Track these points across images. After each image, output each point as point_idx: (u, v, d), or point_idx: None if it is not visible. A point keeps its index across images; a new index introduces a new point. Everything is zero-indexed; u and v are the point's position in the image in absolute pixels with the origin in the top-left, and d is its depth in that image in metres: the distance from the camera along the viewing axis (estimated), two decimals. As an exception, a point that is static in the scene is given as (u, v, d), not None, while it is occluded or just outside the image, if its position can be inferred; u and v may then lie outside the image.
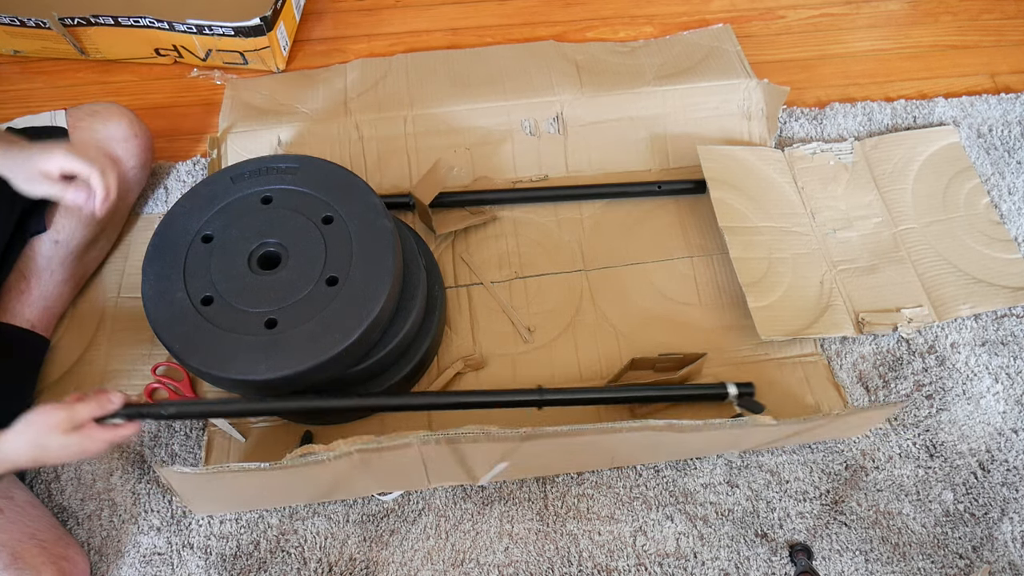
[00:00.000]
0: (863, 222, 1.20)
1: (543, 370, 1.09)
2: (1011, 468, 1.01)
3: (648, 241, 1.21)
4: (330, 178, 0.98)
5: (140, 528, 0.99)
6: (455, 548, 0.97)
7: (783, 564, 0.96)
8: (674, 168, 1.28)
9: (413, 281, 0.99)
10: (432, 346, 1.06)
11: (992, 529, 0.98)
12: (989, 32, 1.47)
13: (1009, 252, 1.17)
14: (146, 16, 1.31)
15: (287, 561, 0.96)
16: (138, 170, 1.17)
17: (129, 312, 1.14)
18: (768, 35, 1.48)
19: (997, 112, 1.33)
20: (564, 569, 0.95)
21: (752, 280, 1.11)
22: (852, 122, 1.32)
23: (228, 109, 1.31)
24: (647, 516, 0.98)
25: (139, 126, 1.15)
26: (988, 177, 1.26)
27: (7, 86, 1.41)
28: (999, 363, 1.09)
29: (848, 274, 1.15)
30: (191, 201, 0.97)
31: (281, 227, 0.94)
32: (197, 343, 0.87)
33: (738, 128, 1.29)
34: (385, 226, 0.93)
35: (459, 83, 1.32)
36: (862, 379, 1.08)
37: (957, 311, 1.11)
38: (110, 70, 1.43)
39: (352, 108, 1.29)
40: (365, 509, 0.99)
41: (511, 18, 1.51)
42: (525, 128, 1.28)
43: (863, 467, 1.02)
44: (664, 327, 1.12)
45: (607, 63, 1.35)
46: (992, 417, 1.05)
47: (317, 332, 0.86)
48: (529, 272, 1.17)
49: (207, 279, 0.91)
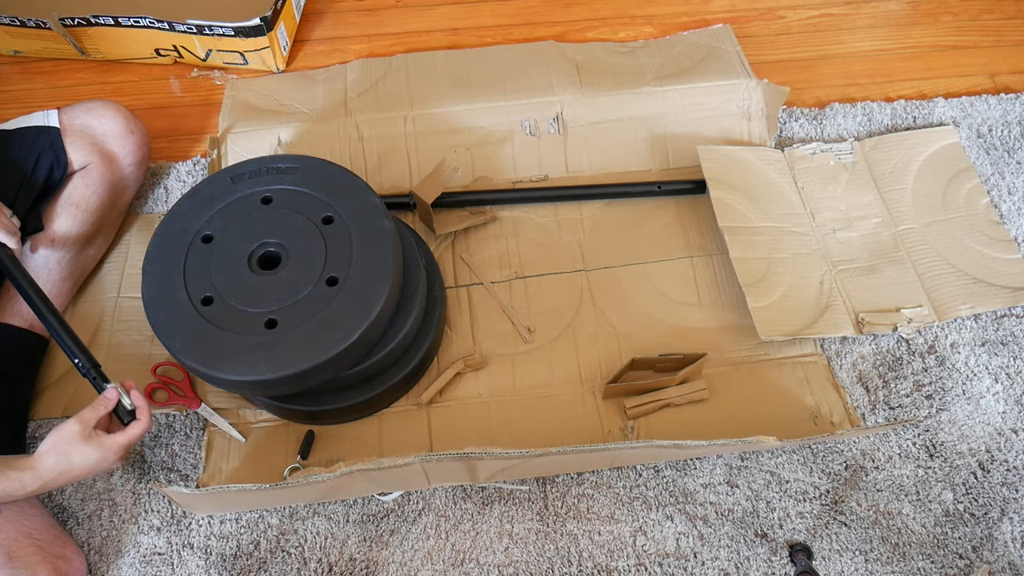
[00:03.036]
0: (863, 222, 1.20)
1: (543, 370, 1.09)
2: (1011, 468, 1.01)
3: (648, 241, 1.21)
4: (330, 178, 0.98)
5: (140, 528, 0.98)
6: (455, 548, 0.97)
7: (783, 564, 0.96)
8: (674, 168, 1.28)
9: (413, 281, 0.99)
10: (432, 346, 1.06)
11: (992, 529, 0.98)
12: (989, 32, 1.47)
13: (1009, 252, 1.17)
14: (146, 16, 1.31)
15: (287, 561, 0.96)
16: (135, 167, 1.17)
17: (129, 312, 1.14)
18: (768, 35, 1.48)
19: (997, 112, 1.33)
20: (564, 569, 0.95)
21: (752, 280, 1.10)
22: (852, 122, 1.32)
23: (228, 109, 1.31)
24: (647, 516, 0.98)
25: (135, 123, 1.15)
26: (988, 177, 1.26)
27: (7, 86, 1.41)
28: (999, 363, 1.09)
29: (848, 274, 1.15)
30: (191, 201, 0.97)
31: (281, 227, 0.94)
32: (197, 343, 0.87)
33: (738, 128, 1.29)
34: (385, 226, 0.93)
35: (459, 83, 1.32)
36: (862, 379, 1.08)
37: (957, 311, 1.11)
38: (110, 70, 1.43)
39: (352, 108, 1.29)
40: (365, 509, 0.99)
41: (511, 18, 1.51)
42: (525, 128, 1.28)
43: (863, 467, 1.02)
44: (664, 327, 1.12)
45: (607, 63, 1.35)
46: (992, 417, 1.05)
47: (317, 332, 0.86)
48: (529, 272, 1.17)
49: (207, 279, 0.91)
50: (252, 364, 0.85)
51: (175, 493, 0.89)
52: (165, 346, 0.88)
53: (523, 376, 1.08)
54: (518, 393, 1.07)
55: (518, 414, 1.05)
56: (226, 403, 1.06)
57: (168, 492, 0.88)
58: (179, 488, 0.88)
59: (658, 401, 1.04)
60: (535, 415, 1.05)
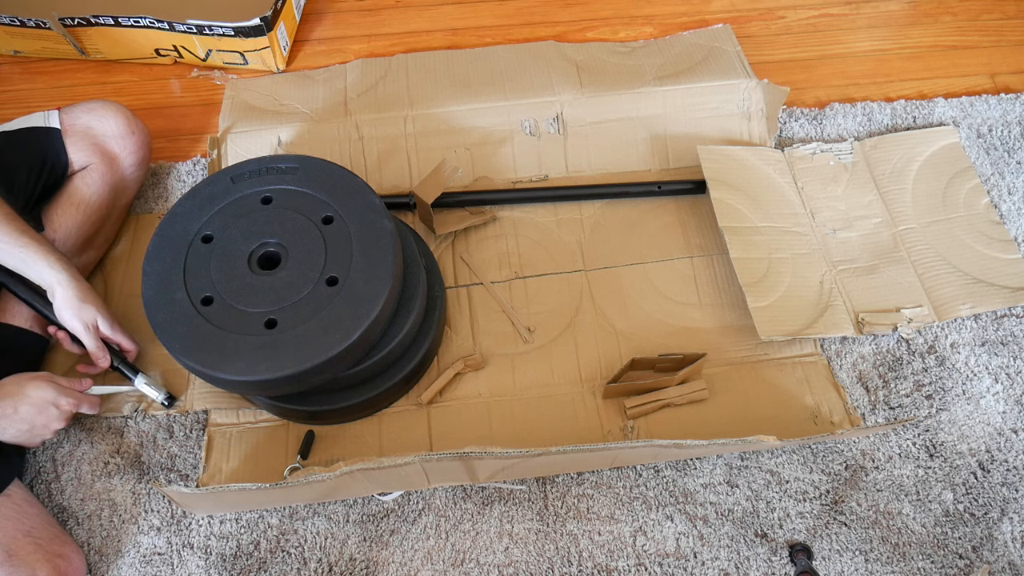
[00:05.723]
0: (863, 222, 1.20)
1: (543, 370, 1.09)
2: (1011, 468, 1.01)
3: (648, 241, 1.21)
4: (330, 178, 0.98)
5: (140, 528, 0.98)
6: (455, 548, 0.97)
7: (783, 564, 0.96)
8: (674, 168, 1.28)
9: (413, 281, 0.99)
10: (432, 346, 1.06)
11: (992, 529, 0.98)
12: (989, 32, 1.47)
13: (1009, 252, 1.17)
14: (146, 16, 1.31)
15: (287, 561, 0.96)
16: (135, 167, 1.17)
17: (129, 312, 1.14)
18: (768, 35, 1.48)
19: (997, 112, 1.33)
20: (564, 569, 0.95)
21: (752, 280, 1.11)
22: (852, 122, 1.32)
23: (228, 109, 1.31)
24: (647, 516, 0.98)
25: (135, 123, 1.15)
26: (988, 177, 1.26)
27: (7, 86, 1.41)
28: (999, 363, 1.09)
29: (848, 274, 1.15)
30: (191, 201, 0.97)
31: (281, 227, 0.94)
32: (197, 343, 0.87)
33: (738, 128, 1.29)
34: (385, 226, 0.93)
35: (459, 83, 1.32)
36: (862, 379, 1.08)
37: (957, 311, 1.11)
38: (110, 70, 1.43)
39: (352, 108, 1.29)
40: (365, 509, 0.99)
41: (511, 18, 1.51)
42: (525, 128, 1.28)
43: (863, 467, 1.02)
44: (664, 327, 1.12)
45: (607, 63, 1.35)
46: (992, 417, 1.05)
47: (317, 332, 0.86)
48: (529, 272, 1.17)
49: (207, 279, 0.91)
50: (252, 364, 0.85)
51: (175, 493, 0.89)
52: (165, 346, 0.88)
53: (523, 376, 1.09)
54: (518, 393, 1.07)
55: (518, 414, 1.05)
56: (226, 403, 1.06)
57: (168, 492, 0.89)
58: (179, 488, 0.88)
59: (658, 401, 1.04)
60: (535, 415, 1.05)
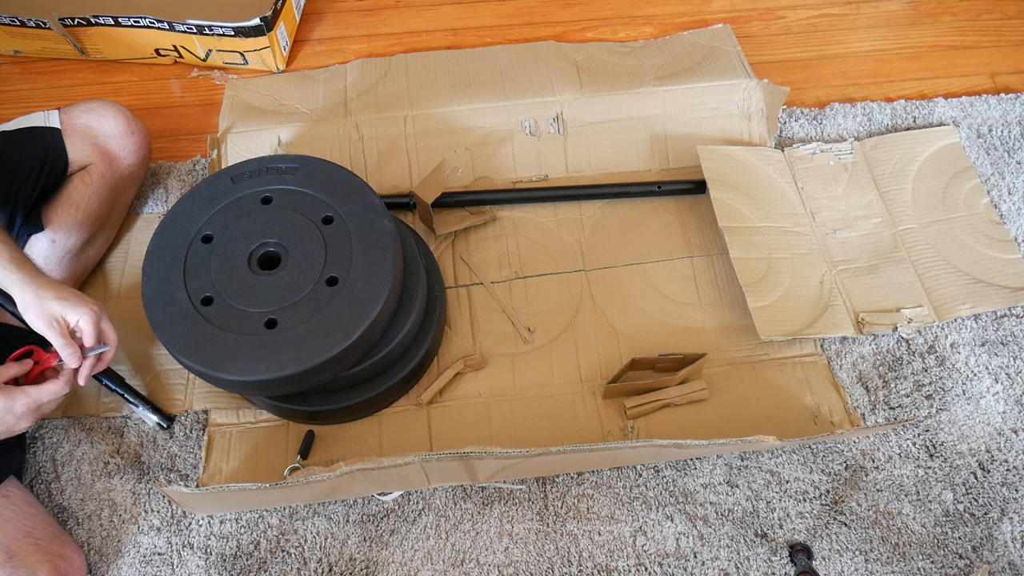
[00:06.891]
0: (863, 222, 1.20)
1: (543, 370, 1.09)
2: (1011, 468, 1.01)
3: (648, 241, 1.21)
4: (330, 178, 0.98)
5: (140, 528, 0.98)
6: (455, 548, 0.97)
7: (783, 564, 0.96)
8: (674, 168, 1.28)
9: (413, 281, 0.99)
10: (432, 346, 1.06)
11: (992, 529, 0.98)
12: (989, 32, 1.47)
13: (1009, 252, 1.17)
14: (146, 16, 1.31)
15: (287, 561, 0.96)
16: (135, 167, 1.17)
17: (129, 312, 1.14)
18: (768, 35, 1.48)
19: (997, 112, 1.33)
20: (564, 569, 0.95)
21: (752, 280, 1.10)
22: (852, 122, 1.32)
23: (228, 109, 1.31)
24: (647, 516, 0.98)
25: (135, 123, 1.15)
26: (988, 177, 1.26)
27: (7, 86, 1.41)
28: (999, 363, 1.09)
29: (848, 274, 1.15)
30: (191, 201, 0.97)
31: (281, 227, 0.94)
32: (197, 343, 0.87)
33: (738, 128, 1.29)
34: (385, 226, 0.93)
35: (459, 83, 1.32)
36: (862, 379, 1.08)
37: (957, 311, 1.11)
38: (110, 70, 1.43)
39: (352, 108, 1.29)
40: (365, 509, 0.99)
41: (511, 18, 1.51)
42: (525, 128, 1.28)
43: (863, 467, 1.02)
44: (664, 327, 1.12)
45: (607, 63, 1.35)
46: (992, 417, 1.05)
47: (317, 332, 0.86)
48: (529, 272, 1.17)
49: (207, 279, 0.91)
50: (252, 364, 0.85)
51: (175, 493, 0.89)
52: (165, 346, 0.88)
53: (523, 376, 1.09)
54: (518, 393, 1.07)
55: (518, 414, 1.05)
56: (226, 403, 1.06)
57: (168, 492, 0.89)
58: (179, 488, 0.88)
59: (658, 401, 1.04)
60: (535, 415, 1.05)
